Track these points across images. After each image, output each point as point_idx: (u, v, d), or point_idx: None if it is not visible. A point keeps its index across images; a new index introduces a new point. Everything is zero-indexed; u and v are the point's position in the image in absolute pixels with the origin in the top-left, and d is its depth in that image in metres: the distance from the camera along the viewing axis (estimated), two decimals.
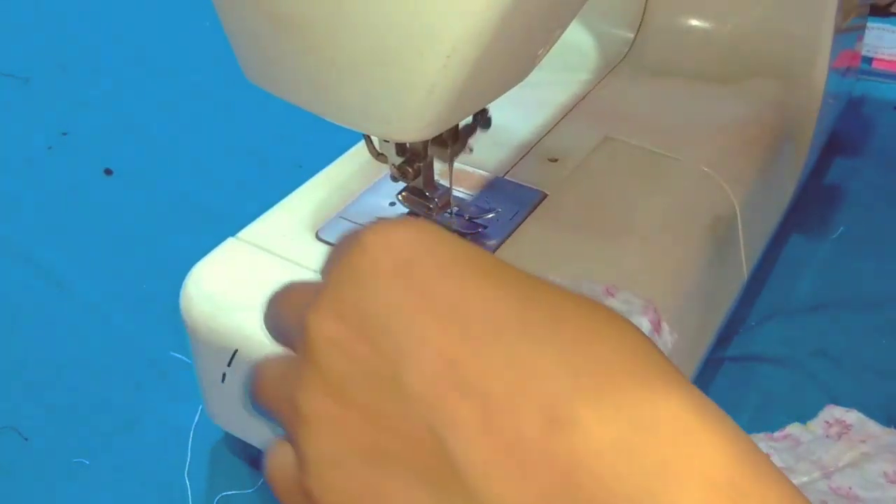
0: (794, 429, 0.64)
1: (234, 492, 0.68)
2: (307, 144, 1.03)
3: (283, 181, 0.74)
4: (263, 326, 0.35)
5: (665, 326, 0.49)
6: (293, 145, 1.05)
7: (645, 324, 0.47)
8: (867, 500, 0.54)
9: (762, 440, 0.61)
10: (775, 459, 0.59)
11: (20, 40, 1.28)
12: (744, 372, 0.76)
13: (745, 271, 0.77)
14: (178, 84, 1.18)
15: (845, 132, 1.04)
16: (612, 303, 0.46)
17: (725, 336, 0.78)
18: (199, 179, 1.00)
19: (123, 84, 1.18)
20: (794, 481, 0.57)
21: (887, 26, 1.17)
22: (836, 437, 0.62)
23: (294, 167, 1.01)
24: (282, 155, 1.04)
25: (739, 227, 0.74)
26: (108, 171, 1.02)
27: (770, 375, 0.75)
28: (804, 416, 0.67)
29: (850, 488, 0.54)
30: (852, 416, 0.64)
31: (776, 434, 0.63)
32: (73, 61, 1.23)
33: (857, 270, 0.87)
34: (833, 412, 0.65)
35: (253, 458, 0.70)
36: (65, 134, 1.08)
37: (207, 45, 1.22)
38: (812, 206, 0.94)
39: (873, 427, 0.63)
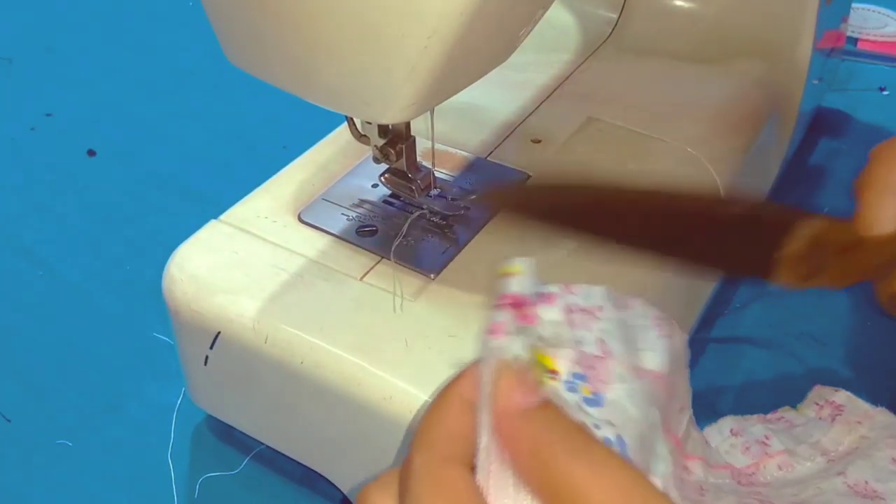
0: (786, 412, 0.64)
1: (217, 473, 0.68)
2: (292, 126, 1.02)
3: (268, 163, 0.74)
4: None
5: (677, 332, 0.49)
6: (278, 127, 1.04)
7: (658, 336, 0.47)
8: (885, 493, 0.54)
9: (757, 422, 0.61)
10: (774, 441, 0.59)
11: (3, 21, 1.27)
12: (728, 353, 0.76)
13: None
14: (162, 65, 1.17)
15: (830, 113, 1.04)
16: (627, 315, 0.46)
17: (710, 318, 0.78)
18: (182, 161, 1.00)
19: (107, 65, 1.17)
20: (798, 466, 0.57)
21: (872, 7, 1.17)
22: (829, 420, 0.62)
23: (279, 149, 1.01)
24: (266, 136, 1.03)
25: None
26: (91, 153, 1.01)
27: (755, 357, 0.75)
28: (789, 398, 0.67)
29: (866, 482, 0.54)
30: (841, 396, 0.64)
31: (770, 416, 0.63)
32: (57, 42, 1.22)
33: None
34: (822, 392, 0.65)
35: (236, 439, 0.70)
36: (49, 115, 1.08)
37: (192, 26, 1.22)
38: (796, 186, 0.94)
39: (864, 405, 0.63)
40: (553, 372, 0.39)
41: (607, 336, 0.43)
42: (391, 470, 0.38)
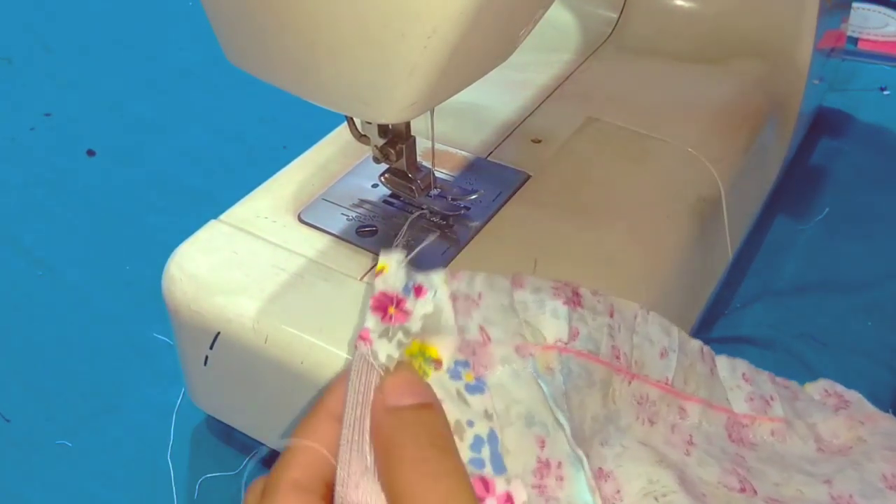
0: (792, 384, 0.64)
1: (217, 474, 0.68)
2: (292, 126, 1.02)
3: (268, 163, 0.74)
4: None
5: (587, 293, 0.49)
6: (278, 127, 1.04)
7: (560, 306, 0.47)
8: None
9: (767, 380, 0.61)
10: (776, 405, 0.58)
11: (2, 21, 1.27)
12: (728, 353, 0.76)
13: (729, 252, 0.77)
14: (162, 65, 1.17)
15: (830, 113, 1.04)
16: (522, 294, 0.47)
17: (710, 318, 0.78)
18: (182, 161, 1.00)
19: (107, 65, 1.17)
20: (789, 440, 0.57)
21: (873, 6, 1.17)
22: (833, 409, 0.62)
23: (279, 149, 1.01)
24: (266, 136, 1.03)
25: (724, 208, 0.74)
26: (90, 153, 1.01)
27: (755, 357, 0.75)
28: None
29: (850, 497, 0.54)
30: (853, 395, 0.64)
31: (779, 379, 0.62)
32: (57, 42, 1.22)
33: (843, 252, 0.87)
34: (832, 385, 0.65)
35: (236, 440, 0.70)
36: (48, 115, 1.08)
37: (192, 26, 1.22)
38: (797, 187, 0.94)
39: (872, 408, 0.63)
40: (437, 361, 0.40)
41: (486, 323, 0.44)
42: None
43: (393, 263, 0.43)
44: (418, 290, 0.42)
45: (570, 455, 0.41)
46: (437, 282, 0.44)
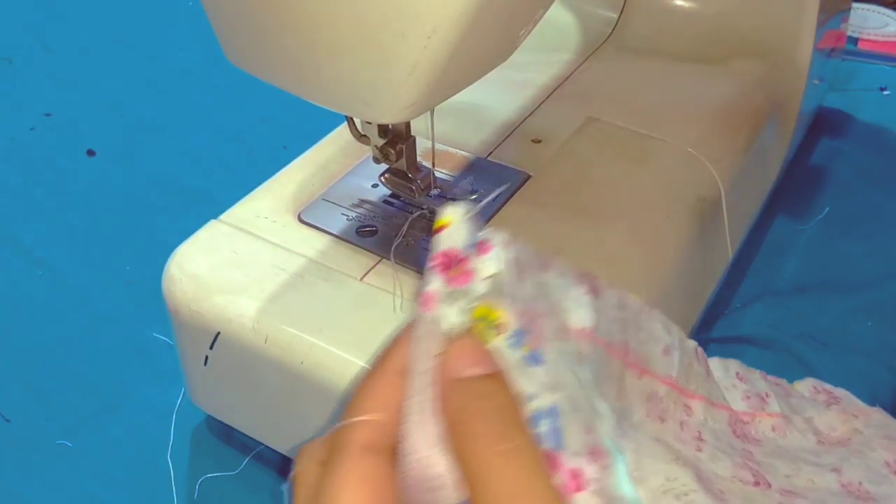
0: (782, 381, 0.64)
1: (217, 474, 0.68)
2: (292, 126, 1.02)
3: (268, 163, 0.74)
4: None
5: (603, 285, 0.48)
6: (278, 127, 1.04)
7: (583, 294, 0.46)
8: (878, 496, 0.54)
9: (759, 378, 0.61)
10: (772, 401, 0.58)
11: (2, 21, 1.27)
12: (729, 354, 0.75)
13: (729, 252, 0.77)
14: (161, 65, 1.17)
15: (830, 113, 1.04)
16: (547, 276, 0.46)
17: (711, 318, 0.78)
18: (182, 161, 1.00)
19: (107, 65, 1.17)
20: (790, 435, 0.57)
21: (873, 7, 1.17)
22: (825, 405, 0.62)
23: (279, 149, 1.01)
24: (266, 136, 1.03)
25: (724, 207, 0.74)
26: (90, 153, 1.01)
27: (755, 357, 0.75)
28: None
29: (860, 483, 0.54)
30: (841, 392, 0.64)
31: (770, 377, 0.63)
32: (57, 42, 1.22)
33: (843, 252, 0.87)
34: (822, 385, 0.65)
35: (235, 440, 0.70)
36: (48, 115, 1.08)
37: (192, 26, 1.22)
38: (797, 187, 0.94)
39: (860, 403, 0.63)
40: (499, 326, 0.38)
41: (534, 296, 0.42)
42: (327, 435, 0.38)
43: (457, 217, 0.40)
44: (482, 247, 0.40)
45: (610, 445, 0.41)
46: (500, 241, 0.41)
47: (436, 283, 0.39)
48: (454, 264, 0.39)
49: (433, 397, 0.36)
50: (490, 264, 0.39)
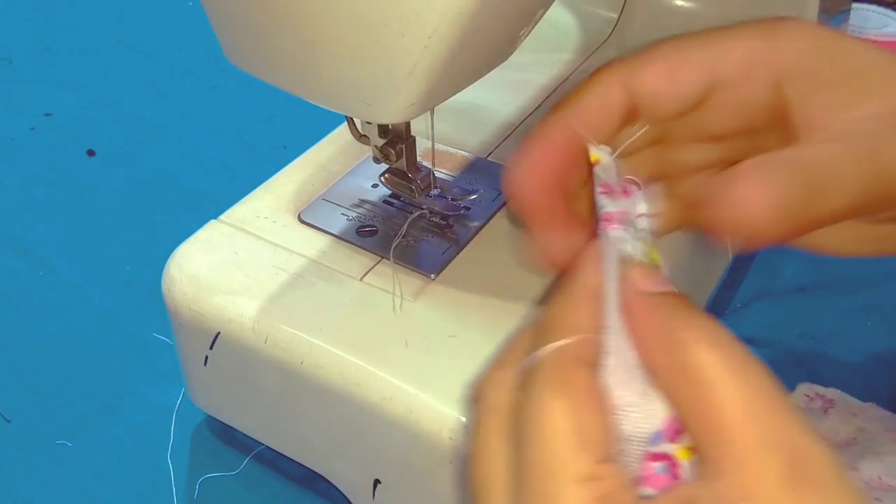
0: None
1: (217, 474, 0.68)
2: (292, 126, 1.03)
3: (268, 163, 0.74)
4: None
5: None
6: (278, 127, 1.04)
7: None
8: None
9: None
10: None
11: (2, 21, 1.27)
12: None
13: (729, 252, 0.77)
14: (162, 65, 1.17)
15: None
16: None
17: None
18: (182, 161, 1.00)
19: (107, 65, 1.17)
20: None
21: (872, 7, 1.16)
22: (822, 411, 0.62)
23: (279, 149, 1.01)
24: (266, 136, 1.03)
25: None
26: (91, 153, 1.01)
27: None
28: None
29: (879, 478, 0.54)
30: (832, 392, 0.64)
31: None
32: (57, 42, 1.22)
33: None
34: (811, 387, 0.65)
35: (235, 440, 0.70)
36: (48, 115, 1.08)
37: (192, 26, 1.22)
38: None
39: (855, 401, 0.63)
40: (659, 268, 0.38)
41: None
42: (505, 360, 0.38)
43: (605, 156, 0.41)
44: (625, 190, 0.40)
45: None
46: (638, 189, 0.40)
47: (611, 206, 0.39)
48: (614, 195, 0.39)
49: (626, 338, 0.35)
50: (640, 205, 0.39)
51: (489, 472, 0.35)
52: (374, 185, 0.69)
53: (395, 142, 0.63)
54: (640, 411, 0.34)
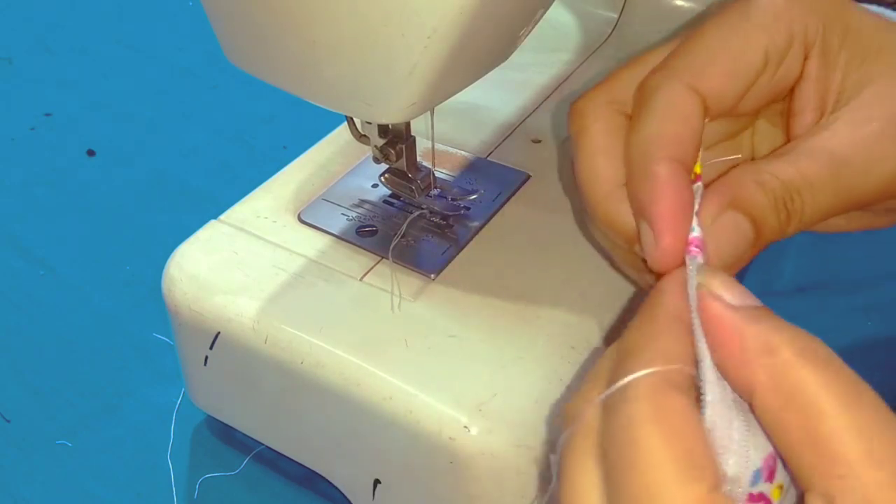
0: None
1: (217, 474, 0.68)
2: (292, 126, 1.02)
3: (268, 163, 0.74)
4: None
5: None
6: (278, 127, 1.04)
7: None
8: None
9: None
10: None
11: (3, 21, 1.27)
12: None
13: None
14: (162, 64, 1.17)
15: None
16: None
17: None
18: (182, 161, 1.00)
19: (107, 65, 1.17)
20: None
21: (873, 7, 1.16)
22: None
23: (279, 149, 1.01)
24: (266, 136, 1.03)
25: None
26: (91, 153, 1.01)
27: None
28: None
29: None
30: None
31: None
32: (57, 42, 1.22)
33: (842, 252, 0.86)
34: None
35: (236, 440, 0.70)
36: (48, 115, 1.08)
37: (192, 26, 1.22)
38: None
39: None
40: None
41: None
42: (591, 385, 0.36)
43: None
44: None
45: None
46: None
47: (698, 231, 0.39)
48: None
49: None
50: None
51: (581, 496, 0.34)
52: (374, 185, 0.69)
53: (395, 142, 0.63)
54: (743, 450, 0.33)
